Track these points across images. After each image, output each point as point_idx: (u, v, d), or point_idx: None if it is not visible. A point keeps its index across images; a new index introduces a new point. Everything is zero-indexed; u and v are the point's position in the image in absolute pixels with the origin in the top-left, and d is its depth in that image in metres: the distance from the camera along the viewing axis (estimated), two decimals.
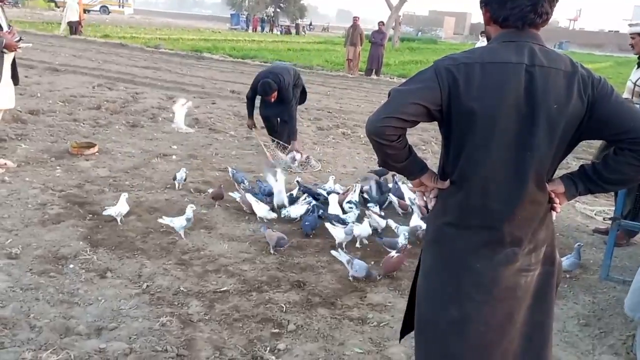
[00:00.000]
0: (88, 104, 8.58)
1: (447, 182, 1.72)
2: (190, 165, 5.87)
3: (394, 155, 1.67)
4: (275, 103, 6.41)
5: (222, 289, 3.32)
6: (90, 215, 4.25)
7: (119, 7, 52.65)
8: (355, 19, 17.45)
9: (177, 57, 18.13)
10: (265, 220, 4.37)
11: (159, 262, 3.60)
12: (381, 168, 4.60)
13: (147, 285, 3.29)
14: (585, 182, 1.72)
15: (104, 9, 48.61)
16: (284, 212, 4.51)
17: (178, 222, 3.97)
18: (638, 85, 3.79)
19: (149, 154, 6.15)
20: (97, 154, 5.90)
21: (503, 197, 1.63)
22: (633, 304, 2.14)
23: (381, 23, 17.43)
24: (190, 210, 4.00)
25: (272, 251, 3.87)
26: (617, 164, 1.65)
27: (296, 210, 4.47)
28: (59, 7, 43.61)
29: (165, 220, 4.00)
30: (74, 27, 21.62)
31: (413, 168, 1.75)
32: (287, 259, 3.81)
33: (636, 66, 4.23)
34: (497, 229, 1.65)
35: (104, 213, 4.13)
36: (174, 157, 6.13)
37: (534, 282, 1.72)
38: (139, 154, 6.10)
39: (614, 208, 4.74)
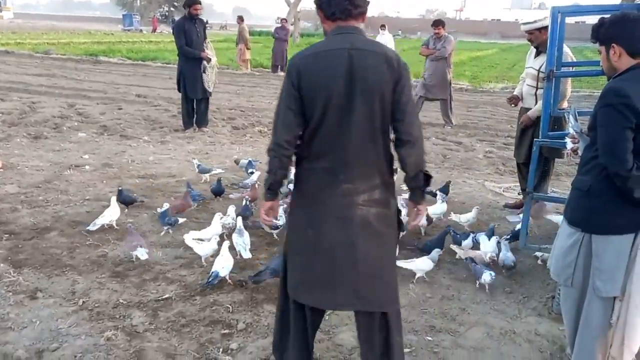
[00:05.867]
0: None
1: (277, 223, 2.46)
2: (107, 174, 5.65)
3: (284, 167, 2.21)
4: None
5: (163, 297, 3.26)
6: (7, 235, 3.99)
7: None
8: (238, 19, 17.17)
9: (71, 62, 17.20)
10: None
11: (91, 277, 3.46)
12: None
13: (84, 302, 3.16)
14: (409, 183, 2.28)
15: None
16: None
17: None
18: (542, 72, 4.16)
19: (59, 166, 5.84)
20: (1, 169, 5.51)
21: (336, 147, 2.13)
22: (557, 268, 2.38)
23: (284, 20, 17.47)
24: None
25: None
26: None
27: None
28: None
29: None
30: None
31: (278, 189, 2.33)
32: None
33: (534, 54, 4.65)
34: (336, 169, 2.15)
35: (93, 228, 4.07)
36: (87, 167, 5.86)
37: (370, 217, 2.18)
38: (48, 167, 5.77)
39: (518, 184, 5.20)
